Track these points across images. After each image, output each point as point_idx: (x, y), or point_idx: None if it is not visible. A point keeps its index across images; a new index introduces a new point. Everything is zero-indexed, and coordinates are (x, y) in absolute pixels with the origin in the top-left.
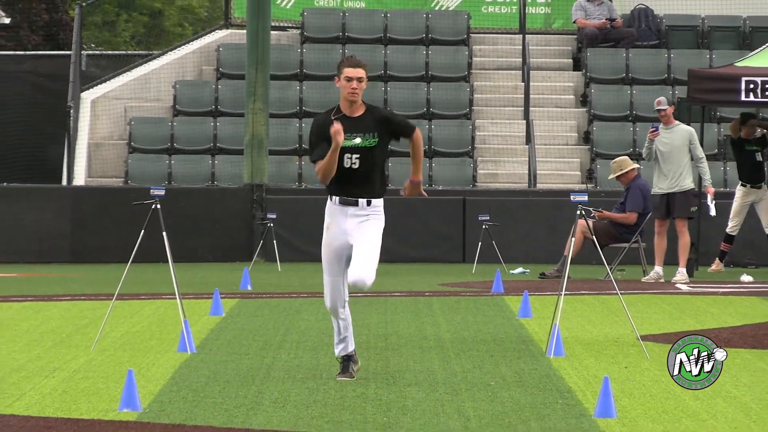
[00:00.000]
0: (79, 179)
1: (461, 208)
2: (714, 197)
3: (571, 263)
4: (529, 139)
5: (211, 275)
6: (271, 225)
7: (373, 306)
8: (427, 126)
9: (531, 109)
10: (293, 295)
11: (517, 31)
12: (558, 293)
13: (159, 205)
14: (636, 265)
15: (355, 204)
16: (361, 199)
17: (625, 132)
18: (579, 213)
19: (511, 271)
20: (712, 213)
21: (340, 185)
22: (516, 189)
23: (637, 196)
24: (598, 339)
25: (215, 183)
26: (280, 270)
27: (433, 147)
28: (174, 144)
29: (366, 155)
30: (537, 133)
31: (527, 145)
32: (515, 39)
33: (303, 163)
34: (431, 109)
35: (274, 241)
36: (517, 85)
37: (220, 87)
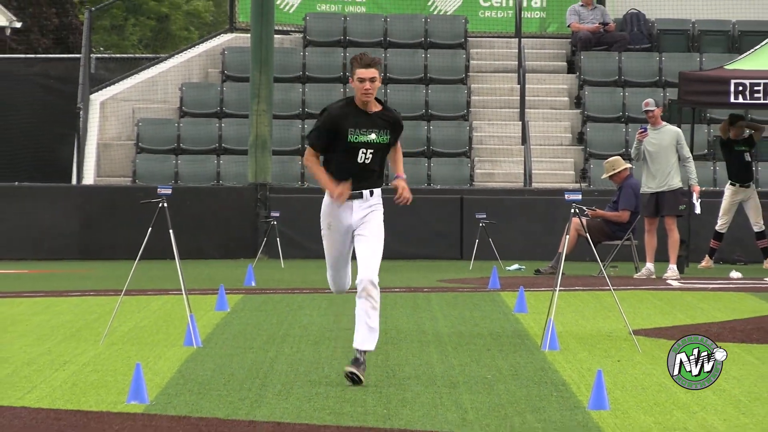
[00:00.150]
0: (88, 179)
1: (459, 206)
2: (700, 196)
3: (566, 260)
4: (524, 139)
5: (216, 272)
6: (275, 223)
7: None
8: (426, 127)
9: (526, 110)
10: (296, 291)
11: (513, 35)
12: (553, 289)
13: (166, 204)
14: (628, 261)
15: (360, 197)
16: (365, 191)
17: (617, 133)
18: (573, 211)
19: (507, 268)
20: (698, 211)
21: (343, 179)
22: (512, 188)
23: (630, 195)
24: (591, 333)
25: (220, 182)
26: (283, 267)
27: (431, 147)
28: (180, 144)
29: (379, 151)
30: (532, 133)
31: (523, 146)
32: (511, 42)
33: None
34: (430, 110)
35: (278, 239)
36: (513, 87)
37: (225, 89)
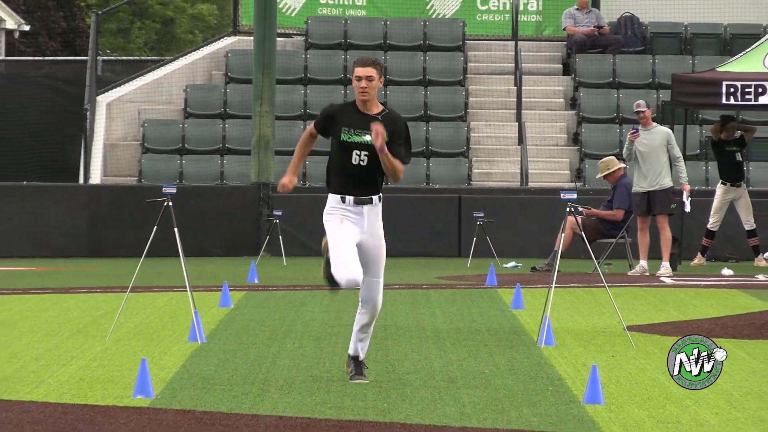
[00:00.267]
0: (95, 178)
1: (457, 205)
2: (690, 194)
3: (561, 257)
4: (521, 140)
5: (220, 269)
6: (277, 221)
7: None
8: (425, 127)
9: (523, 111)
10: (298, 288)
11: (510, 38)
12: (548, 286)
13: (171, 203)
14: (622, 259)
15: (370, 202)
16: (374, 197)
17: (612, 133)
18: (568, 210)
19: (505, 265)
20: (687, 209)
21: (346, 183)
22: (509, 187)
23: (624, 194)
24: (586, 329)
25: (224, 182)
26: (285, 264)
27: (430, 147)
28: (185, 145)
29: (374, 154)
30: (529, 134)
31: (519, 146)
32: (508, 45)
33: (307, 162)
34: (428, 111)
35: (280, 237)
36: (509, 89)
37: (228, 91)
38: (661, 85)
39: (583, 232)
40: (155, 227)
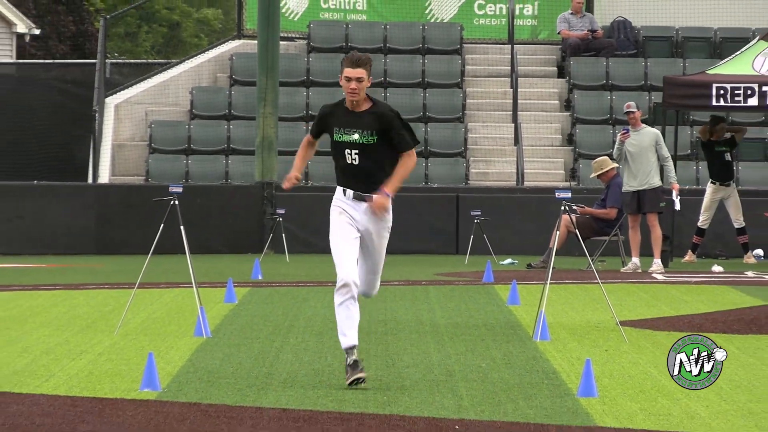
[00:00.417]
0: (104, 178)
1: (455, 204)
2: (679, 193)
3: (556, 255)
4: (517, 140)
5: (224, 266)
6: (280, 220)
7: None
8: (424, 128)
9: (519, 113)
10: (300, 284)
11: (506, 41)
12: (544, 282)
13: (177, 202)
14: (615, 256)
15: (370, 199)
16: (374, 195)
17: (605, 134)
18: (563, 208)
19: (501, 262)
20: (677, 207)
21: (346, 179)
22: (505, 186)
23: (617, 193)
24: (580, 324)
25: (229, 181)
26: (288, 261)
27: (428, 148)
28: (191, 145)
29: (366, 151)
30: (524, 135)
31: (515, 146)
32: (504, 49)
33: (309, 162)
34: (427, 113)
35: (283, 235)
36: (506, 91)
37: (233, 93)
38: (653, 87)
39: (577, 230)
40: (162, 225)
